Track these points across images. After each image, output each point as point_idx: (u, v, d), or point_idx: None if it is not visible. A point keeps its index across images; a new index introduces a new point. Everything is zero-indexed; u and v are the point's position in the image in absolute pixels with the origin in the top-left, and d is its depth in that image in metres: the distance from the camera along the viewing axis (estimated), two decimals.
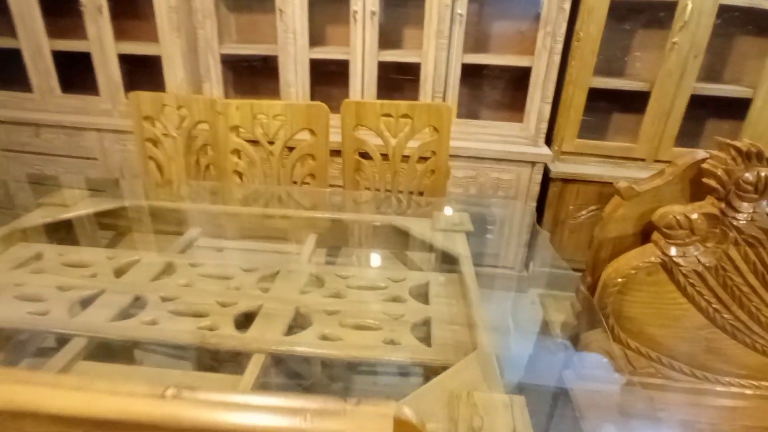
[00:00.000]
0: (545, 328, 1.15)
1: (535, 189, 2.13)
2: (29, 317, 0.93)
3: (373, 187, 1.71)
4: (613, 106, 2.27)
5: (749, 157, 0.81)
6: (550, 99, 2.04)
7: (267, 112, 1.58)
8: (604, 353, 1.00)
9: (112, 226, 1.43)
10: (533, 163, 2.07)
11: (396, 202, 1.51)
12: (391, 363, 0.86)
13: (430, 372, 0.82)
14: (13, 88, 2.47)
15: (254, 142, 1.62)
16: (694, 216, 0.83)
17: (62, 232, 1.31)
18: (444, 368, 0.78)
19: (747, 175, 0.81)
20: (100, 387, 0.33)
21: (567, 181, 2.11)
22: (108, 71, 2.30)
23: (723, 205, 0.82)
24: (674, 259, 0.85)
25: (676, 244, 0.85)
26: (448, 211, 1.38)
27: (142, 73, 2.43)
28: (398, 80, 2.28)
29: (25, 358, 1.01)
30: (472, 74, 2.20)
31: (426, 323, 0.95)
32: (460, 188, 2.21)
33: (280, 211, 1.46)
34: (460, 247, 1.15)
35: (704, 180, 0.85)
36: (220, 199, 1.55)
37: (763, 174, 0.80)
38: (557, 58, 1.96)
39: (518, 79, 2.22)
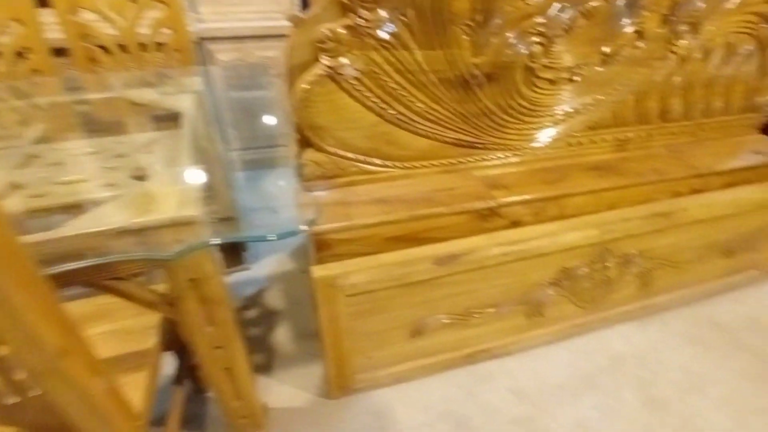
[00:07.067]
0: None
1: None
2: None
3: None
4: None
5: None
6: None
7: None
8: (316, 165, 1.22)
9: None
10: None
11: (134, 79, 1.50)
12: None
13: None
14: None
15: None
16: (339, 29, 1.01)
17: None
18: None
19: None
20: None
21: None
22: None
23: (356, 17, 1.01)
24: (335, 69, 1.05)
25: (331, 56, 1.03)
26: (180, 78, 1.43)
27: None
28: None
29: None
30: None
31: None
32: (232, 71, 2.24)
33: None
34: (185, 105, 1.24)
35: None
36: None
37: None
38: None
39: None
